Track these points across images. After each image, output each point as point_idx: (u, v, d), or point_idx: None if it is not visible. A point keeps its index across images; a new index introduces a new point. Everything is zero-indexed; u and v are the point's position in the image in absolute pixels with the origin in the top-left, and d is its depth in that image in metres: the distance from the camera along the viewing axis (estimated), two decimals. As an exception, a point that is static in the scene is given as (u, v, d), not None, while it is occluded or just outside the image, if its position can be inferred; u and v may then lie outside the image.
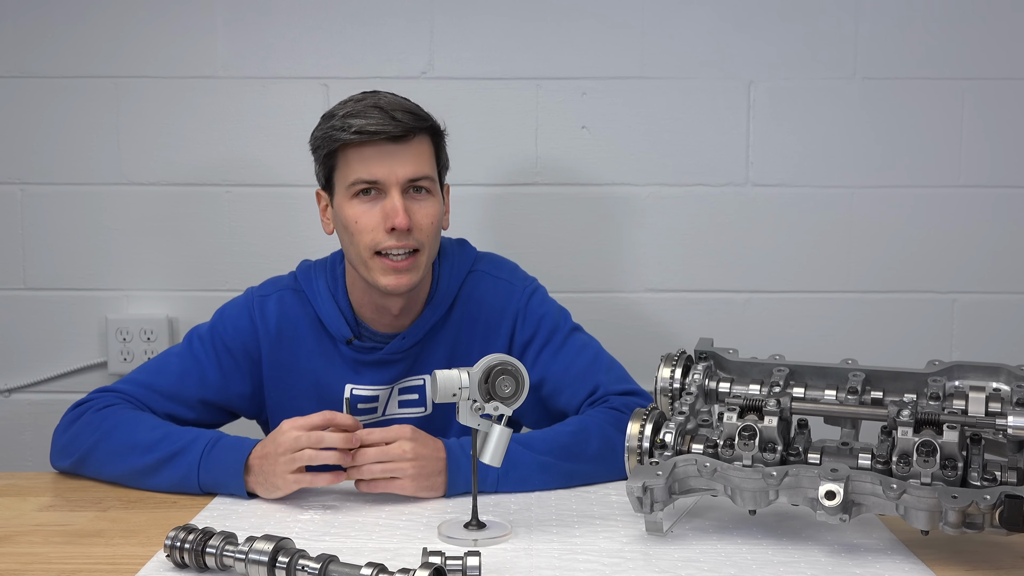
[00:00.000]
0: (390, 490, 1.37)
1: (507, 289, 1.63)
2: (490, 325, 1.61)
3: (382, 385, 1.59)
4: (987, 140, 2.06)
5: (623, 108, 2.06)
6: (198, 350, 1.58)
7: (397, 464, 1.36)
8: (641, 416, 1.27)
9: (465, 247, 1.67)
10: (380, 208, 1.48)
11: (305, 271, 1.64)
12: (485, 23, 2.05)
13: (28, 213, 2.09)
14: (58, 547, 1.23)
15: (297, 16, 2.06)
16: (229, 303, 1.64)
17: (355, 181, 1.48)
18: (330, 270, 1.62)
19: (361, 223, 1.49)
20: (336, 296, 1.59)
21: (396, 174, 1.48)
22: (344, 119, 1.48)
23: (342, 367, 1.59)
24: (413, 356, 1.59)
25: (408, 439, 1.37)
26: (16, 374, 2.12)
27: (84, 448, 1.47)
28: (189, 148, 2.08)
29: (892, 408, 1.20)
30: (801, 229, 2.08)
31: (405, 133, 1.47)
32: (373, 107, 1.48)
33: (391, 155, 1.47)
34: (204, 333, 1.60)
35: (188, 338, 1.61)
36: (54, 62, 2.06)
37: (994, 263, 2.08)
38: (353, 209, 1.49)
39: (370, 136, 1.46)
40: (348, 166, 1.49)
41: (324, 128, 1.51)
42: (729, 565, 1.16)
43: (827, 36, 2.05)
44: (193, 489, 1.41)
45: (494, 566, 1.15)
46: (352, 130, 1.46)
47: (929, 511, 1.12)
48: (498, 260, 1.68)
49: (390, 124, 1.46)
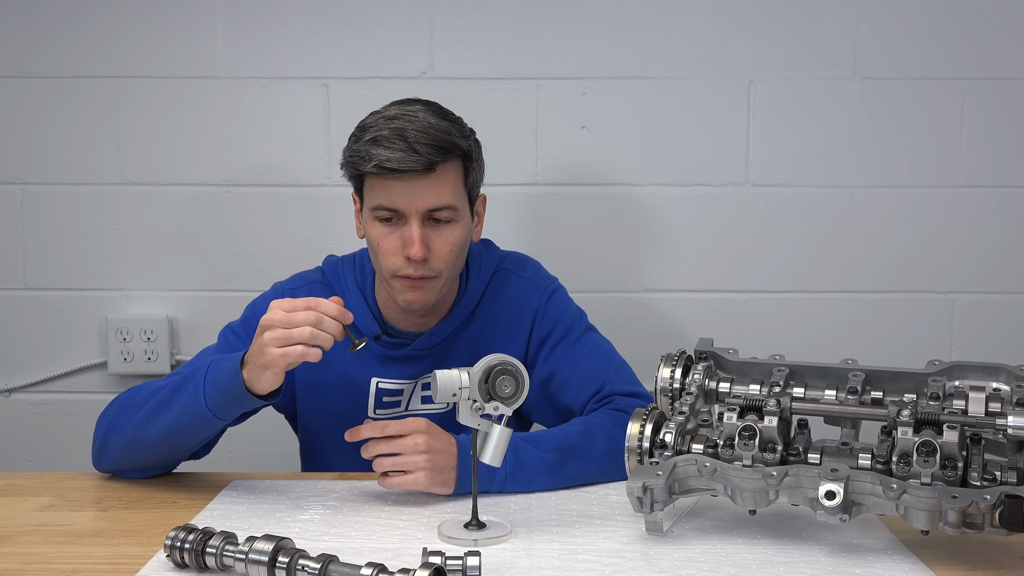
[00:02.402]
0: (404, 485, 1.37)
1: (530, 287, 1.65)
2: (512, 322, 1.63)
3: (406, 380, 1.61)
4: (987, 140, 2.06)
5: (623, 108, 2.06)
6: (234, 343, 1.58)
7: (410, 457, 1.36)
8: (641, 416, 1.27)
9: (490, 248, 1.69)
10: (400, 235, 1.49)
11: (332, 267, 1.65)
12: (485, 23, 2.05)
13: (28, 213, 2.09)
14: (58, 547, 1.23)
15: (297, 16, 2.06)
16: (258, 297, 1.64)
17: (376, 207, 1.49)
18: (359, 268, 1.63)
19: (382, 246, 1.50)
20: (364, 293, 1.61)
21: (416, 205, 1.47)
22: (368, 146, 1.46)
23: (369, 360, 1.60)
24: (439, 353, 1.61)
25: (422, 432, 1.37)
26: (16, 374, 2.12)
27: (108, 421, 1.47)
28: (189, 148, 2.08)
29: (892, 408, 1.20)
30: (801, 229, 2.08)
31: (426, 169, 1.46)
32: (398, 136, 1.45)
33: (413, 187, 1.46)
34: (237, 327, 1.61)
35: (222, 334, 1.61)
36: (54, 62, 2.06)
37: (994, 263, 2.08)
38: (376, 231, 1.51)
39: (390, 172, 1.45)
40: (372, 190, 1.50)
41: (351, 150, 1.50)
42: (729, 565, 1.16)
43: (827, 36, 2.05)
44: (199, 408, 1.37)
45: (494, 566, 1.15)
46: (372, 163, 1.45)
47: (929, 511, 1.12)
48: (522, 259, 1.71)
49: (411, 159, 1.44)
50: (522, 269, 1.68)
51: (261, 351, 1.32)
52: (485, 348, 1.60)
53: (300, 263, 1.79)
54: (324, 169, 2.07)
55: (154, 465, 1.50)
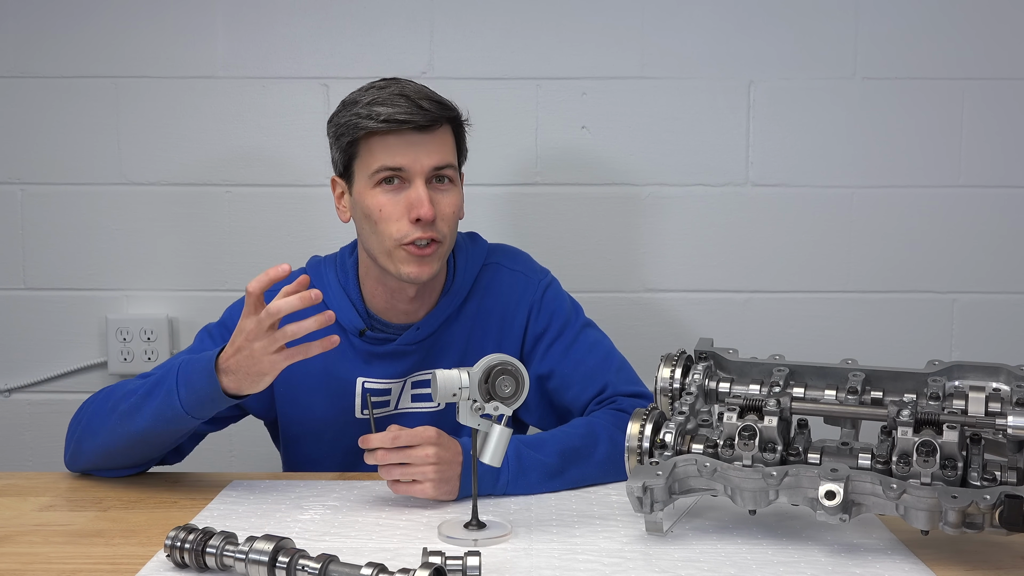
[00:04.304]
0: (411, 494, 1.36)
1: (523, 281, 1.62)
2: (505, 317, 1.60)
3: (394, 378, 1.57)
4: (987, 140, 2.06)
5: (623, 108, 2.06)
6: (208, 345, 1.55)
7: (419, 468, 1.35)
8: (641, 416, 1.27)
9: (477, 240, 1.66)
10: (404, 198, 1.47)
11: (314, 266, 1.63)
12: (485, 23, 2.05)
13: (28, 213, 2.09)
14: (58, 547, 1.23)
15: (297, 16, 2.06)
16: (239, 300, 1.62)
17: (379, 168, 1.46)
18: (339, 263, 1.61)
19: (385, 212, 1.47)
20: (347, 288, 1.58)
21: (421, 163, 1.46)
22: (369, 107, 1.46)
23: (353, 359, 1.56)
24: (426, 348, 1.57)
25: (433, 444, 1.35)
26: (16, 374, 2.12)
27: (83, 422, 1.47)
28: (189, 148, 2.08)
29: (892, 408, 1.20)
30: (801, 229, 2.08)
31: (431, 123, 1.46)
32: (399, 95, 1.46)
33: (416, 144, 1.46)
34: (214, 328, 1.59)
35: (199, 336, 1.60)
36: (54, 62, 2.06)
37: (994, 263, 2.08)
38: (376, 198, 1.47)
39: (398, 125, 1.44)
40: (372, 154, 1.47)
41: (347, 115, 1.48)
42: (729, 565, 1.16)
43: (827, 36, 2.05)
44: (175, 411, 1.36)
45: (494, 566, 1.15)
46: (380, 118, 1.44)
47: (929, 511, 1.12)
48: (512, 251, 1.68)
49: (417, 113, 1.45)
50: (513, 262, 1.65)
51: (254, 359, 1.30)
52: (476, 344, 1.58)
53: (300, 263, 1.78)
54: (324, 169, 2.07)
55: (129, 464, 1.49)
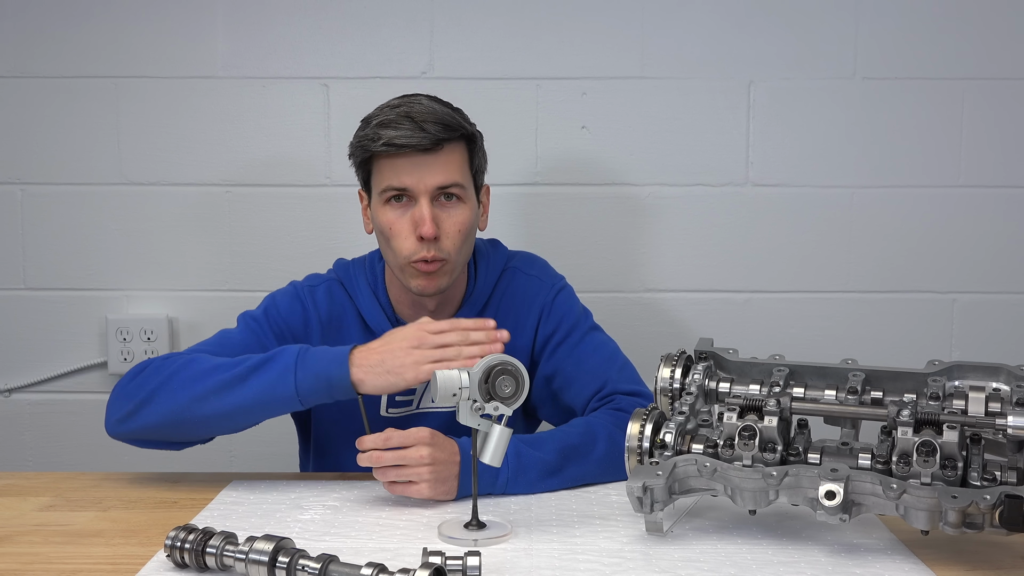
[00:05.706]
0: (407, 494, 1.37)
1: (537, 285, 1.67)
2: (519, 320, 1.64)
3: None
4: (987, 140, 2.06)
5: (623, 108, 2.06)
6: (255, 328, 1.58)
7: (414, 469, 1.36)
8: (641, 416, 1.27)
9: (498, 247, 1.71)
10: (410, 216, 1.52)
11: (344, 268, 1.67)
12: (485, 23, 2.05)
13: (28, 213, 2.09)
14: (58, 547, 1.23)
15: (297, 16, 2.06)
16: (278, 292, 1.64)
17: (386, 188, 1.52)
18: (369, 268, 1.65)
19: (395, 229, 1.53)
20: (376, 292, 1.63)
21: (425, 183, 1.51)
22: (376, 129, 1.51)
23: None
24: None
25: (426, 444, 1.37)
26: (16, 374, 2.12)
27: (151, 386, 1.43)
28: (189, 148, 2.08)
29: (892, 408, 1.20)
30: (801, 229, 2.08)
31: (433, 145, 1.50)
32: (405, 117, 1.50)
33: (420, 165, 1.50)
34: (258, 315, 1.60)
35: (242, 319, 1.60)
36: (54, 62, 2.06)
37: (994, 263, 2.08)
38: (386, 215, 1.53)
39: (398, 149, 1.49)
40: (380, 173, 1.53)
41: (359, 136, 1.55)
42: (729, 565, 1.16)
43: (827, 36, 2.05)
44: (287, 391, 1.39)
45: (494, 566, 1.15)
46: (381, 142, 1.50)
47: (929, 511, 1.12)
48: (530, 257, 1.73)
49: (418, 136, 1.49)
50: (530, 267, 1.70)
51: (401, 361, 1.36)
52: None
53: (300, 263, 1.80)
54: (324, 169, 2.07)
55: (187, 440, 1.47)
